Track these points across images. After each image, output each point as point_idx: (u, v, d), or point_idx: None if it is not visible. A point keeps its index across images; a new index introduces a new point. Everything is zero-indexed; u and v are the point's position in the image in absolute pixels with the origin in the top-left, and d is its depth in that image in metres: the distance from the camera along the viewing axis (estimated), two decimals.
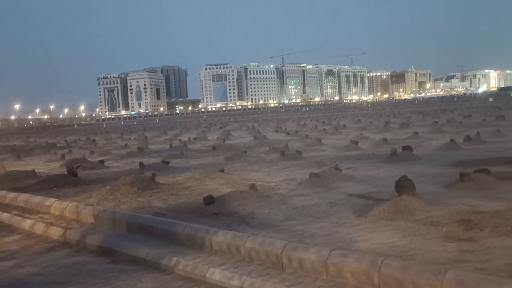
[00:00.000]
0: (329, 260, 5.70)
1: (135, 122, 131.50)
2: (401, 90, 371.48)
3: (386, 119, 42.89)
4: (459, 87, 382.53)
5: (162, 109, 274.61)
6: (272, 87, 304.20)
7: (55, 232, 9.20)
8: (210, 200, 9.37)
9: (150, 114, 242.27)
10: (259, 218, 8.39)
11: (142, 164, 16.90)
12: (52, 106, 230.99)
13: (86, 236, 8.54)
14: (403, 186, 8.49)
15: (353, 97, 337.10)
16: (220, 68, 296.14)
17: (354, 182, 11.22)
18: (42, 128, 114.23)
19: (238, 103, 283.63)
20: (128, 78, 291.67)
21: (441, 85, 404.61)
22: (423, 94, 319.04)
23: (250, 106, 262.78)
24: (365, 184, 10.93)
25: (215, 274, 6.23)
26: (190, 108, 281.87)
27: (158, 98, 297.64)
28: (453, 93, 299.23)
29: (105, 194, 11.41)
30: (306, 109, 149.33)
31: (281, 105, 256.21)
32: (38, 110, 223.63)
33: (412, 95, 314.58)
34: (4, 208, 11.91)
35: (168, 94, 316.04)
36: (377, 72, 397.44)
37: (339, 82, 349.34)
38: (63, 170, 16.08)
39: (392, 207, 7.81)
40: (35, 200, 11.59)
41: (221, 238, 6.91)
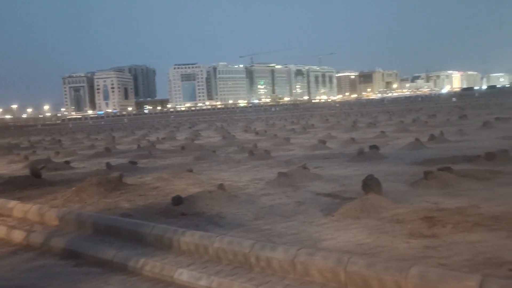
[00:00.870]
0: (296, 258, 5.74)
1: (103, 122, 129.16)
2: (368, 90, 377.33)
3: (354, 119, 43.54)
4: (424, 87, 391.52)
5: (130, 109, 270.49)
6: (241, 87, 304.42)
7: (18, 235, 8.94)
8: (178, 200, 9.29)
9: (118, 114, 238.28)
10: (227, 218, 8.38)
11: (109, 164, 16.62)
12: (14, 106, 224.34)
13: (50, 238, 8.33)
14: (370, 185, 8.63)
15: (322, 97, 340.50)
16: (189, 67, 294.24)
17: (321, 181, 11.34)
18: (4, 128, 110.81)
19: (207, 103, 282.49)
20: (94, 77, 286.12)
21: (407, 85, 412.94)
22: (390, 94, 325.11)
23: (219, 106, 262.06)
24: (332, 183, 11.06)
25: (183, 275, 6.19)
26: (159, 108, 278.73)
27: (126, 97, 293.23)
28: (418, 93, 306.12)
29: (70, 195, 11.17)
30: (277, 108, 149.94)
31: (250, 104, 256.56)
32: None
33: (379, 95, 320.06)
34: None
35: (136, 94, 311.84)
36: (345, 72, 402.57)
37: (308, 82, 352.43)
38: (27, 172, 15.64)
39: (358, 206, 7.94)
40: None
41: (189, 238, 6.87)
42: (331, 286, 5.38)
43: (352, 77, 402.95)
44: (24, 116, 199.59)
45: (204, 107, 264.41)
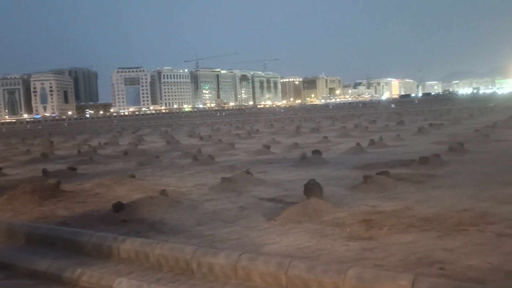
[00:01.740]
0: (238, 263, 5.75)
1: (40, 127, 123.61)
2: (312, 95, 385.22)
3: (297, 124, 44.25)
4: (366, 94, 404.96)
5: (70, 113, 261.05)
6: (186, 92, 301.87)
7: None
8: (119, 206, 9.06)
9: (58, 118, 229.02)
10: (170, 224, 8.27)
11: (45, 171, 15.93)
12: None
13: None
14: (311, 189, 8.80)
15: (266, 102, 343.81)
16: (132, 71, 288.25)
17: (265, 186, 11.44)
18: None
19: (151, 107, 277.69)
20: (31, 79, 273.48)
21: (349, 91, 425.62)
22: (334, 100, 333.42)
23: (164, 111, 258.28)
24: (275, 187, 11.18)
25: (122, 284, 6.03)
26: (101, 112, 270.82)
27: (66, 101, 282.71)
28: (360, 99, 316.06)
29: (1, 204, 10.59)
30: (223, 113, 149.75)
31: (195, 109, 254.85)
32: None
33: (323, 101, 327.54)
34: None
35: (77, 98, 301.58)
36: (289, 78, 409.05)
37: (253, 87, 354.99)
38: None
39: (300, 210, 8.07)
40: None
41: (129, 245, 6.70)
42: None
43: (296, 82, 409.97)
44: None
45: (148, 112, 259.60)
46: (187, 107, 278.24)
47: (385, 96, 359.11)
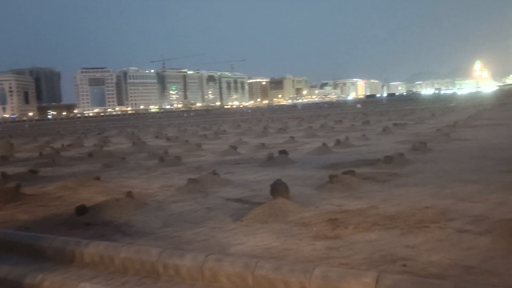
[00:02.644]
0: (205, 265, 5.72)
1: None
2: (279, 96, 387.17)
3: (265, 124, 44.41)
4: (332, 94, 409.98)
5: (31, 114, 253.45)
6: (152, 92, 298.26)
7: None
8: (82, 209, 8.86)
9: (18, 119, 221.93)
10: (136, 226, 8.15)
11: (4, 174, 15.39)
12: None
13: None
14: (278, 189, 8.84)
15: (234, 102, 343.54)
16: (97, 71, 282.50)
17: (232, 187, 11.42)
18: None
19: (117, 108, 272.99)
20: None
21: (316, 92, 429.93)
22: (300, 100, 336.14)
23: (130, 112, 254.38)
24: (242, 188, 11.18)
25: None
26: (65, 113, 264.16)
27: (27, 102, 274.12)
28: (327, 99, 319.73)
29: None
30: (191, 114, 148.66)
31: (162, 110, 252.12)
32: None
33: (290, 101, 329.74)
34: None
35: (39, 98, 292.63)
36: (257, 78, 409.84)
37: (220, 88, 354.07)
38: None
39: (267, 210, 8.09)
40: None
41: (93, 249, 6.57)
42: None
43: (263, 83, 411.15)
44: None
45: (114, 113, 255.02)
46: (154, 108, 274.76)
47: (351, 96, 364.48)
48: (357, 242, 6.33)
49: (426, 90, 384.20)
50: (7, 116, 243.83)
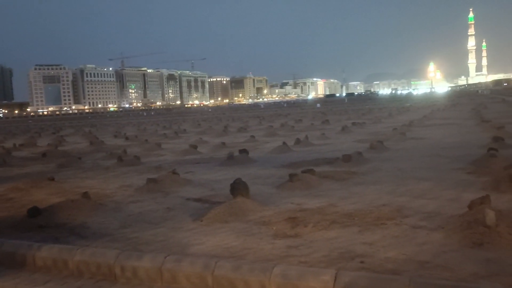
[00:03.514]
0: (163, 266, 5.63)
1: None
2: (240, 95, 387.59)
3: (225, 123, 44.30)
4: (292, 94, 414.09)
5: None
6: (111, 91, 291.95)
7: None
8: (35, 211, 8.54)
9: None
10: (92, 228, 7.94)
11: None
12: None
13: None
14: (238, 188, 8.82)
15: (194, 101, 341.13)
16: (52, 69, 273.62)
17: (191, 186, 11.32)
18: None
19: (73, 107, 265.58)
20: None
21: (276, 91, 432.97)
22: (261, 99, 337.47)
23: (87, 110, 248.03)
24: (202, 187, 11.10)
25: None
26: (17, 111, 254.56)
27: None
28: (287, 98, 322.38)
29: None
30: (152, 113, 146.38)
31: (121, 109, 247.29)
32: None
33: (250, 100, 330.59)
34: None
35: None
36: (217, 77, 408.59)
37: (181, 87, 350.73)
38: None
39: (227, 210, 8.06)
40: None
41: (46, 253, 6.34)
42: None
43: (224, 82, 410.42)
44: None
45: (70, 112, 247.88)
46: (113, 107, 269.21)
47: (311, 95, 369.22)
48: (316, 240, 6.39)
49: (384, 90, 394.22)
50: None
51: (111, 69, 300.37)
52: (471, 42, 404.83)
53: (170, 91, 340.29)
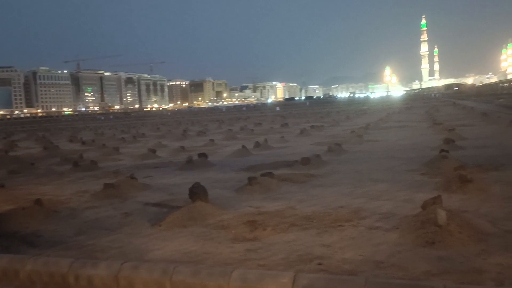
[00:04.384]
0: (120, 273, 5.50)
1: None
2: (200, 99, 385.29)
3: (184, 127, 43.95)
4: (252, 97, 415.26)
5: None
6: (66, 94, 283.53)
7: None
8: None
9: None
10: (45, 236, 7.68)
11: None
12: None
13: None
14: (196, 192, 8.76)
15: (153, 105, 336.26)
16: (3, 71, 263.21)
17: (150, 191, 11.16)
18: None
19: (25, 111, 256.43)
20: None
21: (236, 94, 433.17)
22: (221, 103, 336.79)
23: (41, 114, 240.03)
24: (161, 192, 10.96)
25: None
26: None
27: None
28: (247, 102, 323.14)
29: None
30: (110, 117, 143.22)
31: (77, 113, 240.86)
32: None
33: (210, 104, 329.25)
34: None
35: None
36: (176, 81, 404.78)
37: (139, 90, 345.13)
38: None
39: (185, 214, 7.99)
40: None
41: None
42: None
43: (183, 85, 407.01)
44: None
45: (22, 115, 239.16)
46: (68, 111, 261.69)
47: (270, 99, 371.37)
48: (275, 243, 6.42)
49: (342, 94, 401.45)
50: None
51: (66, 71, 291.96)
52: (424, 48, 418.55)
53: (128, 95, 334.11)
